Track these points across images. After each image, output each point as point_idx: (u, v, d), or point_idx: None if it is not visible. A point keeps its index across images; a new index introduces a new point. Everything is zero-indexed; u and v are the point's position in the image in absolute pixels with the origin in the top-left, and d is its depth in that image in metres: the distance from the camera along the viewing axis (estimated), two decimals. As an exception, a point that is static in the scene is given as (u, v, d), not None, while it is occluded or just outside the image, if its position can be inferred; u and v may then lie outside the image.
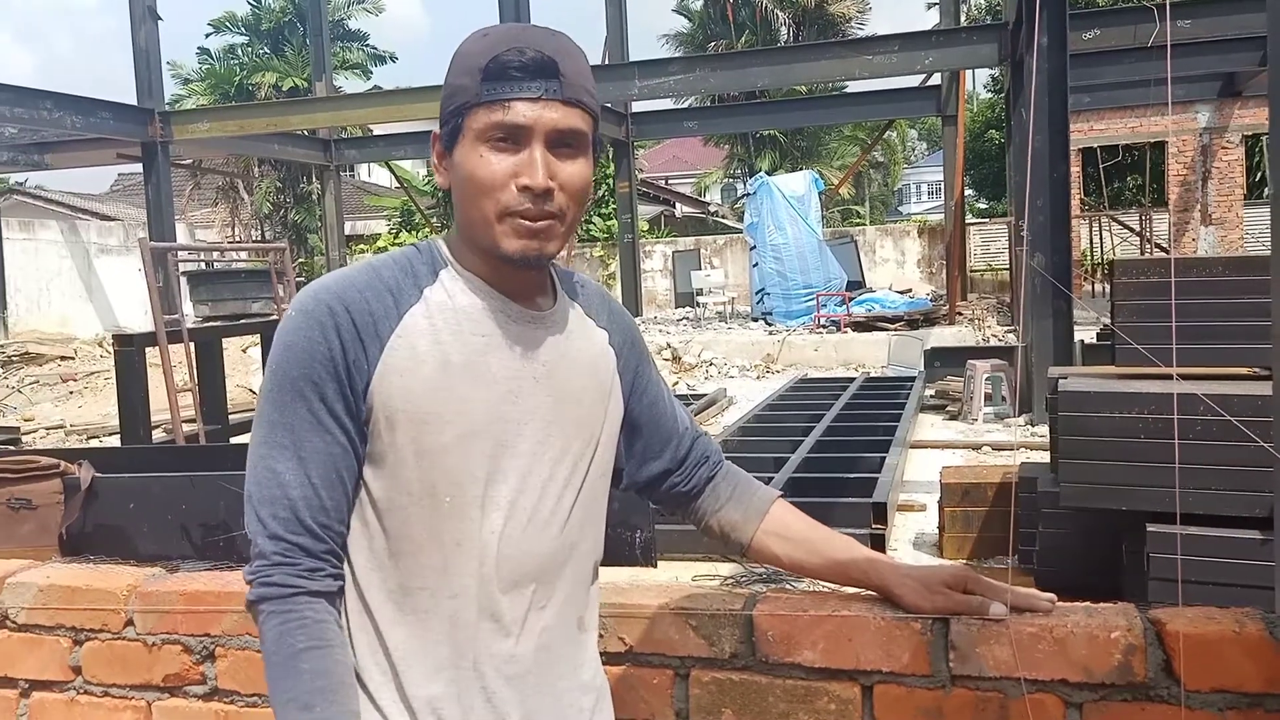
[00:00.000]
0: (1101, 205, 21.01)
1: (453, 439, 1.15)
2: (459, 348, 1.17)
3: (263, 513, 1.14)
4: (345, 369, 1.14)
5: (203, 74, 27.36)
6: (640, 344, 1.40)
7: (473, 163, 1.14)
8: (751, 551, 1.46)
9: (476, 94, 1.14)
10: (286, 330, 1.16)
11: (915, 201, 51.60)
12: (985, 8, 28.98)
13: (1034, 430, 7.30)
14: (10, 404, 12.24)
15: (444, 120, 1.18)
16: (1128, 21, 10.81)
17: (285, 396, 1.14)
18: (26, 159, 17.12)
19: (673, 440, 1.42)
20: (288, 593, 1.12)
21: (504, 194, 1.14)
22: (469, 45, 1.17)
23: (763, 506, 1.45)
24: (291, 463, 1.14)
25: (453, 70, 1.18)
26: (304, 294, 1.18)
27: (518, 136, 1.14)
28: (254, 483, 1.15)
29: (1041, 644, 1.44)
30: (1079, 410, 3.27)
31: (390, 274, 1.19)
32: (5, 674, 2.05)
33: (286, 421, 1.14)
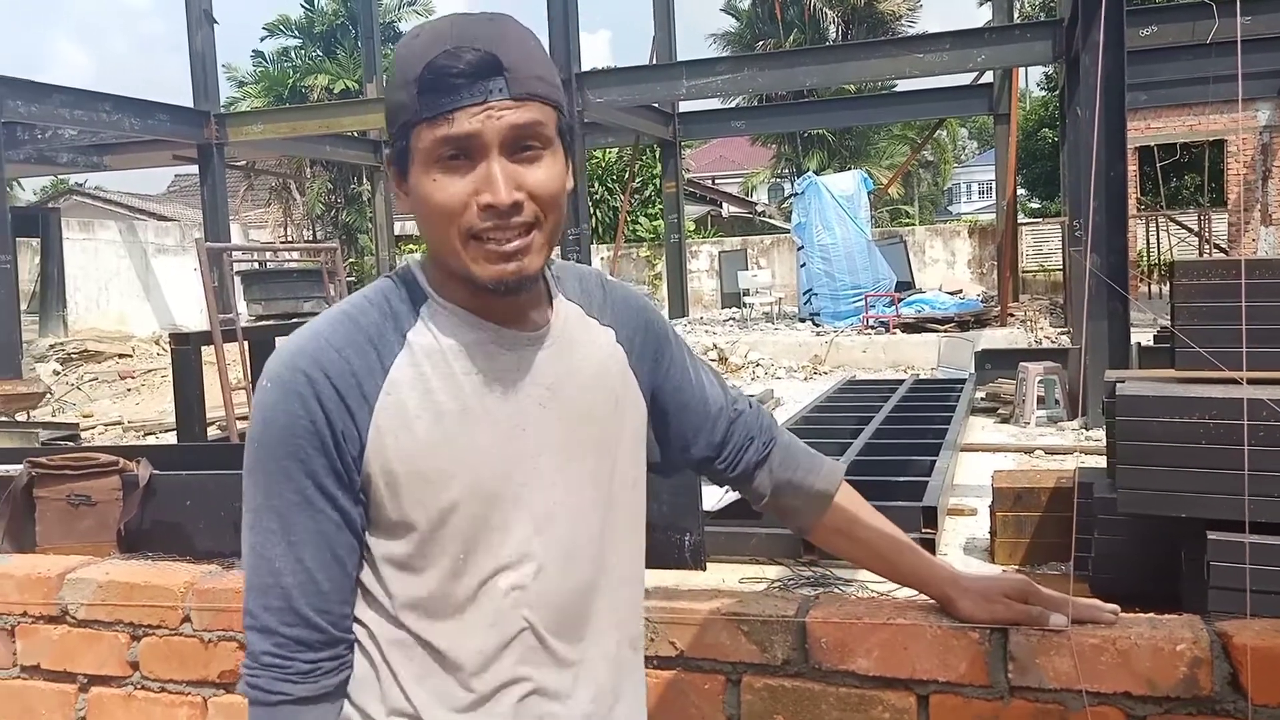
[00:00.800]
0: (1159, 205, 20.62)
1: (461, 493, 1.06)
2: (452, 393, 1.07)
3: (254, 604, 1.06)
4: (334, 440, 1.04)
5: (257, 77, 27.78)
6: (657, 326, 1.27)
7: (426, 188, 1.03)
8: (813, 539, 1.42)
9: (416, 110, 1.01)
10: (263, 405, 1.06)
11: (966, 201, 51.01)
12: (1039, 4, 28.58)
13: (1088, 434, 7.18)
14: (70, 400, 12.51)
15: (392, 141, 1.06)
16: (1186, 18, 10.59)
17: (270, 477, 1.05)
18: (86, 160, 17.50)
19: (705, 425, 1.31)
20: (272, 701, 1.06)
21: (465, 217, 1.03)
22: (402, 50, 1.04)
23: (826, 494, 1.37)
24: (281, 548, 1.05)
25: (390, 83, 1.05)
26: (278, 361, 1.07)
27: (470, 150, 1.02)
28: (246, 571, 1.08)
29: (1104, 655, 1.41)
30: (1138, 414, 3.21)
31: (369, 321, 1.08)
32: (65, 668, 2.09)
33: (273, 504, 1.05)
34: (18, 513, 3.13)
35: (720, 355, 12.78)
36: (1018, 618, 1.43)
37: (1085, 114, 7.46)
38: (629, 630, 1.20)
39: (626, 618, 1.19)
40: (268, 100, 25.65)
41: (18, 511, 3.12)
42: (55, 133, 15.52)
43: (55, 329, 16.12)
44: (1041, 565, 4.37)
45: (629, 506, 1.19)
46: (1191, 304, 3.53)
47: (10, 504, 3.08)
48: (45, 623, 2.09)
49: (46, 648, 2.09)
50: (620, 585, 1.18)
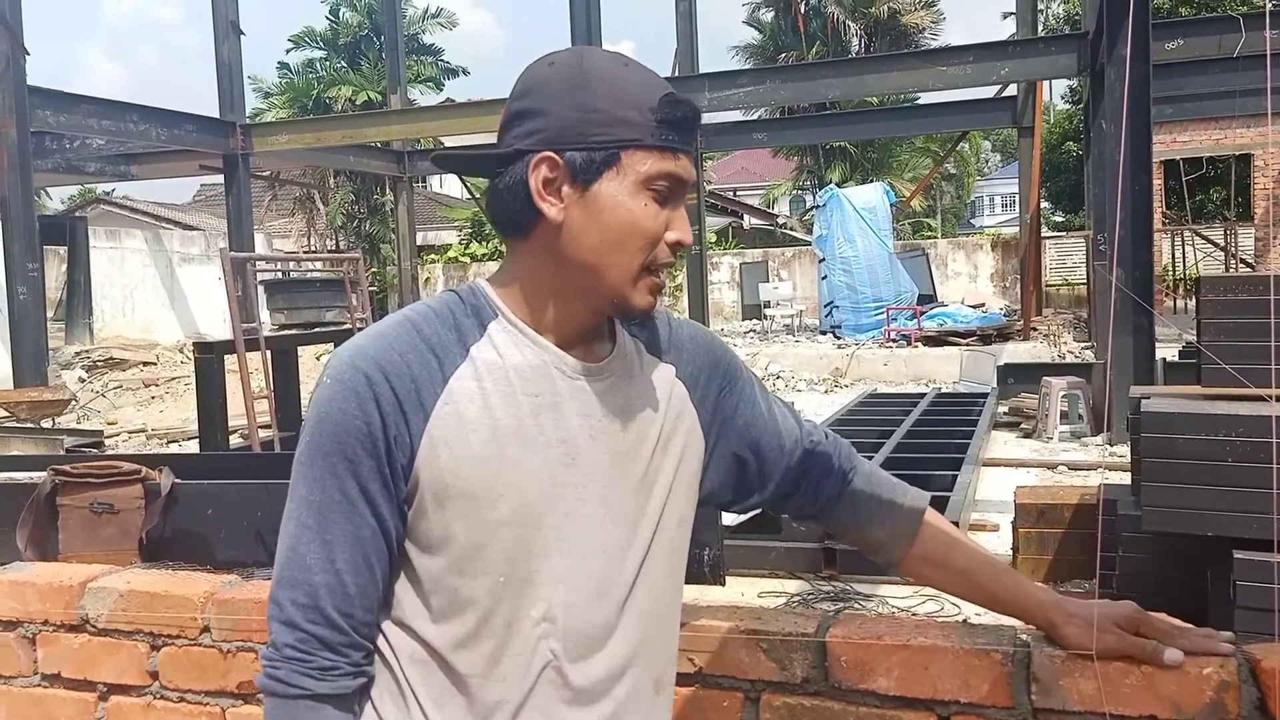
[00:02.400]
0: (1184, 219, 20.46)
1: (508, 513, 1.06)
2: (510, 412, 1.07)
3: (282, 596, 1.07)
4: (385, 445, 1.04)
5: (282, 88, 28.00)
6: (725, 364, 1.27)
7: (635, 209, 1.06)
8: (901, 571, 1.36)
9: (650, 134, 1.05)
10: (320, 400, 1.06)
11: (989, 214, 50.80)
12: (1063, 17, 28.48)
13: (1112, 450, 7.11)
14: (94, 408, 12.62)
15: (584, 145, 1.05)
16: (1213, 31, 10.54)
17: (317, 472, 1.06)
18: (114, 170, 17.69)
19: (780, 460, 1.28)
20: (291, 694, 1.05)
21: (659, 249, 1.08)
22: (620, 74, 1.07)
23: (910, 528, 1.32)
24: (315, 545, 1.06)
25: (601, 95, 1.06)
26: (339, 359, 1.08)
27: (677, 191, 1.08)
28: (278, 562, 1.08)
29: (1129, 678, 1.39)
30: (1163, 431, 3.17)
31: (432, 330, 1.08)
32: (85, 677, 2.10)
33: (314, 500, 1.06)
34: (41, 520, 3.15)
35: (741, 367, 12.77)
36: (1129, 650, 1.36)
37: (1110, 128, 7.42)
38: (655, 671, 1.18)
39: (654, 658, 1.17)
40: (292, 111, 25.85)
41: (41, 519, 3.14)
42: (83, 142, 15.69)
43: (81, 336, 16.27)
44: (1065, 583, 4.33)
45: (671, 545, 1.18)
46: (1218, 320, 3.49)
47: (34, 511, 3.10)
48: (66, 631, 2.10)
49: (67, 656, 2.10)
50: (650, 624, 1.16)
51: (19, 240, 10.91)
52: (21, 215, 10.97)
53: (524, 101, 1.09)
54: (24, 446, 8.21)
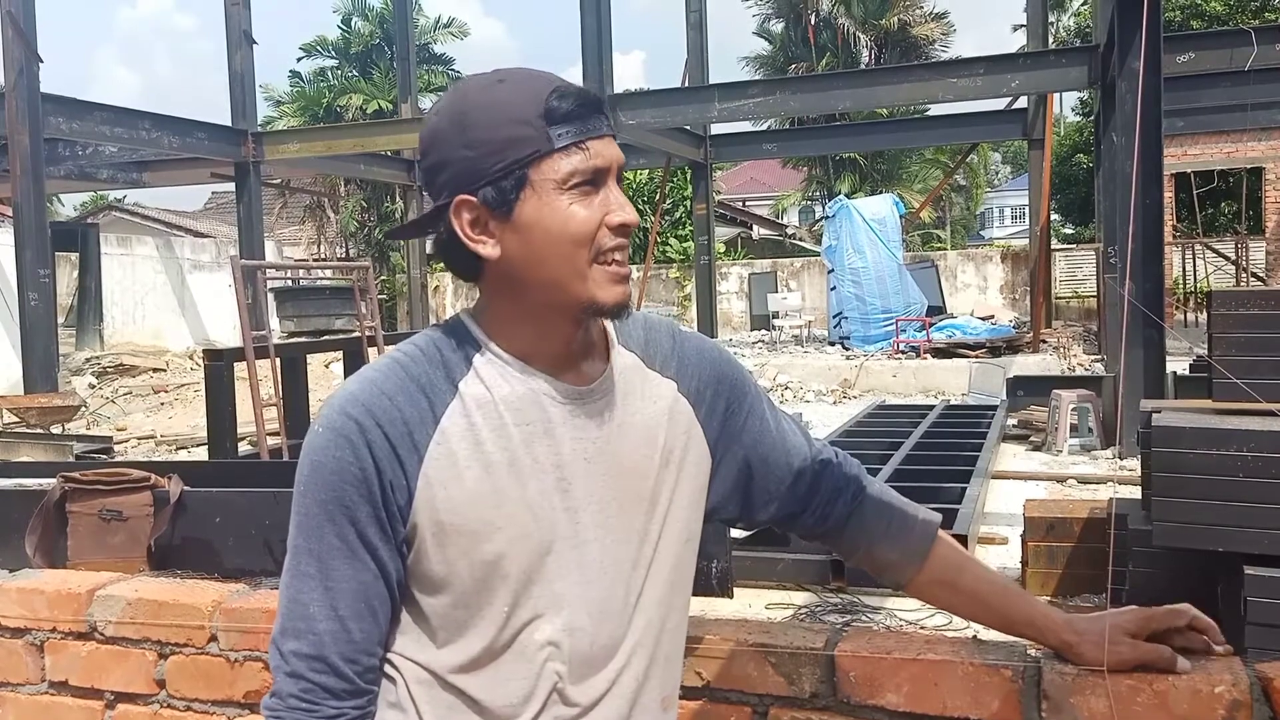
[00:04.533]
0: (1195, 232, 20.40)
1: (507, 545, 1.07)
2: (501, 444, 1.07)
3: (285, 647, 1.06)
4: (381, 489, 1.05)
5: (293, 96, 28.14)
6: (732, 379, 1.26)
7: (560, 216, 1.05)
8: (910, 593, 1.34)
9: (546, 140, 1.04)
10: (314, 448, 1.07)
11: (998, 225, 50.73)
12: (1074, 30, 28.49)
13: (1122, 464, 7.08)
14: (104, 414, 12.66)
15: (488, 179, 1.05)
16: (1224, 45, 10.52)
17: (314, 521, 1.06)
18: (125, 177, 17.77)
19: (789, 478, 1.27)
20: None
21: (599, 239, 1.07)
22: (495, 95, 1.07)
23: (921, 548, 1.31)
24: (318, 594, 1.06)
25: (483, 125, 1.05)
26: (330, 406, 1.08)
27: (599, 178, 1.07)
28: (280, 613, 1.09)
29: (1141, 697, 1.38)
30: (1174, 446, 3.15)
31: (420, 370, 1.09)
32: (92, 685, 2.10)
33: (313, 548, 1.06)
34: (49, 527, 3.16)
35: (749, 378, 12.74)
36: (1145, 658, 1.35)
37: (1121, 140, 7.41)
38: (663, 689, 1.18)
39: (662, 675, 1.17)
40: (303, 119, 25.97)
41: (50, 526, 3.15)
42: (96, 149, 15.78)
43: (92, 343, 16.33)
44: (1074, 597, 4.30)
45: (676, 561, 1.18)
46: (1230, 334, 3.47)
47: (43, 518, 3.11)
48: (74, 639, 2.10)
49: (75, 664, 2.10)
50: (657, 641, 1.16)
51: (31, 246, 10.96)
52: (34, 222, 11.03)
53: (427, 160, 1.10)
54: (34, 452, 8.24)
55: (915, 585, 1.33)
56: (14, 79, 10.98)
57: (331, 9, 29.04)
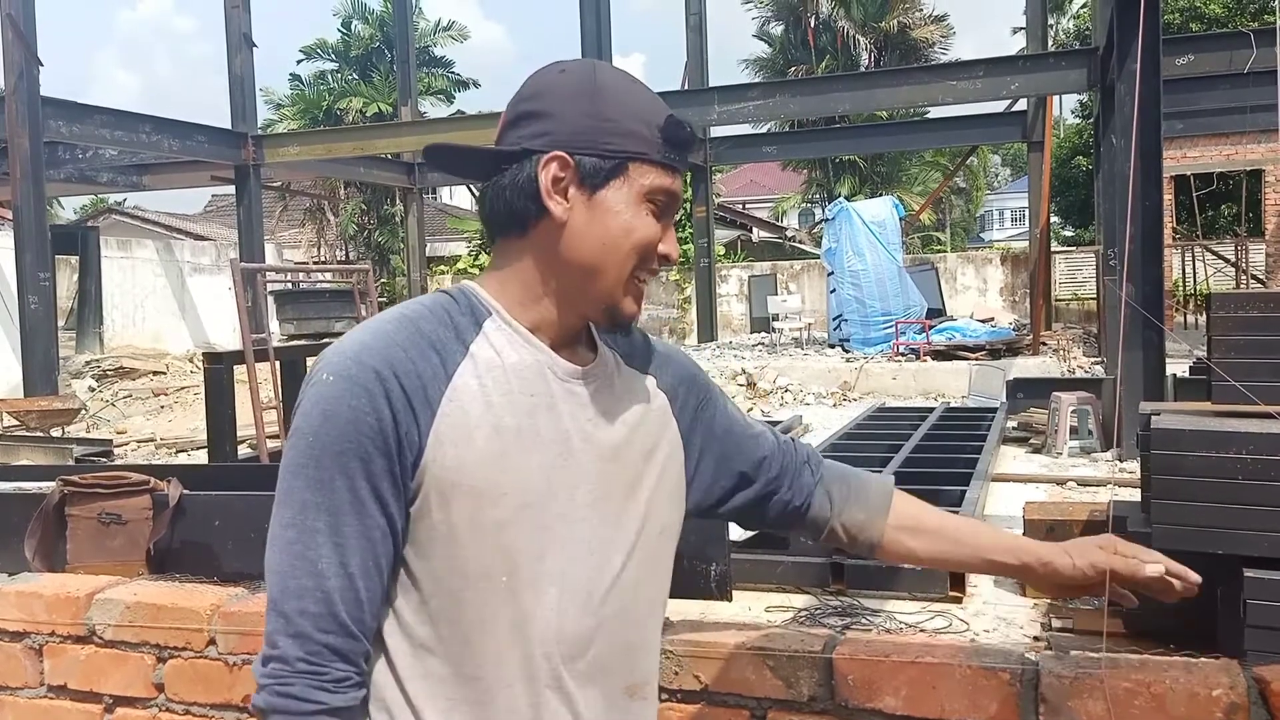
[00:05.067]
0: (1195, 234, 20.41)
1: (511, 512, 1.06)
2: (510, 410, 1.08)
3: (288, 607, 1.01)
4: (396, 442, 1.03)
5: (293, 99, 28.14)
6: (699, 379, 1.32)
7: (636, 219, 1.10)
8: (883, 551, 1.37)
9: (657, 149, 1.10)
10: (325, 398, 1.03)
11: (998, 228, 50.74)
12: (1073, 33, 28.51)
13: (1122, 466, 7.08)
14: (104, 417, 12.65)
15: (595, 151, 1.09)
16: (1223, 47, 10.53)
17: (325, 473, 1.02)
18: (125, 180, 17.77)
19: (762, 462, 1.33)
20: (306, 710, 1.01)
21: (649, 259, 1.12)
22: (631, 89, 1.12)
23: (884, 502, 1.37)
24: (328, 549, 1.02)
25: (615, 106, 1.10)
26: (342, 356, 1.05)
27: (671, 207, 1.13)
28: (279, 572, 1.03)
29: (1138, 700, 1.38)
30: (1173, 448, 3.15)
31: (430, 328, 1.08)
32: (91, 689, 2.10)
33: (323, 502, 1.02)
34: (49, 531, 3.16)
35: (749, 380, 12.74)
36: (1113, 564, 1.33)
37: (1120, 143, 7.41)
38: (630, 678, 1.18)
39: (630, 664, 1.17)
40: (303, 122, 25.98)
41: (49, 529, 3.15)
42: (96, 152, 15.78)
43: (92, 346, 16.33)
44: (1074, 600, 4.30)
45: (654, 553, 1.19)
46: (1229, 337, 3.48)
47: (42, 522, 3.10)
48: (73, 643, 2.10)
49: (74, 668, 2.10)
50: (628, 630, 1.16)
51: (31, 250, 10.96)
52: (34, 225, 11.03)
53: (534, 104, 1.12)
54: (34, 455, 8.23)
55: (887, 540, 1.36)
56: (14, 82, 10.99)
57: (331, 12, 29.08)
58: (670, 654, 1.63)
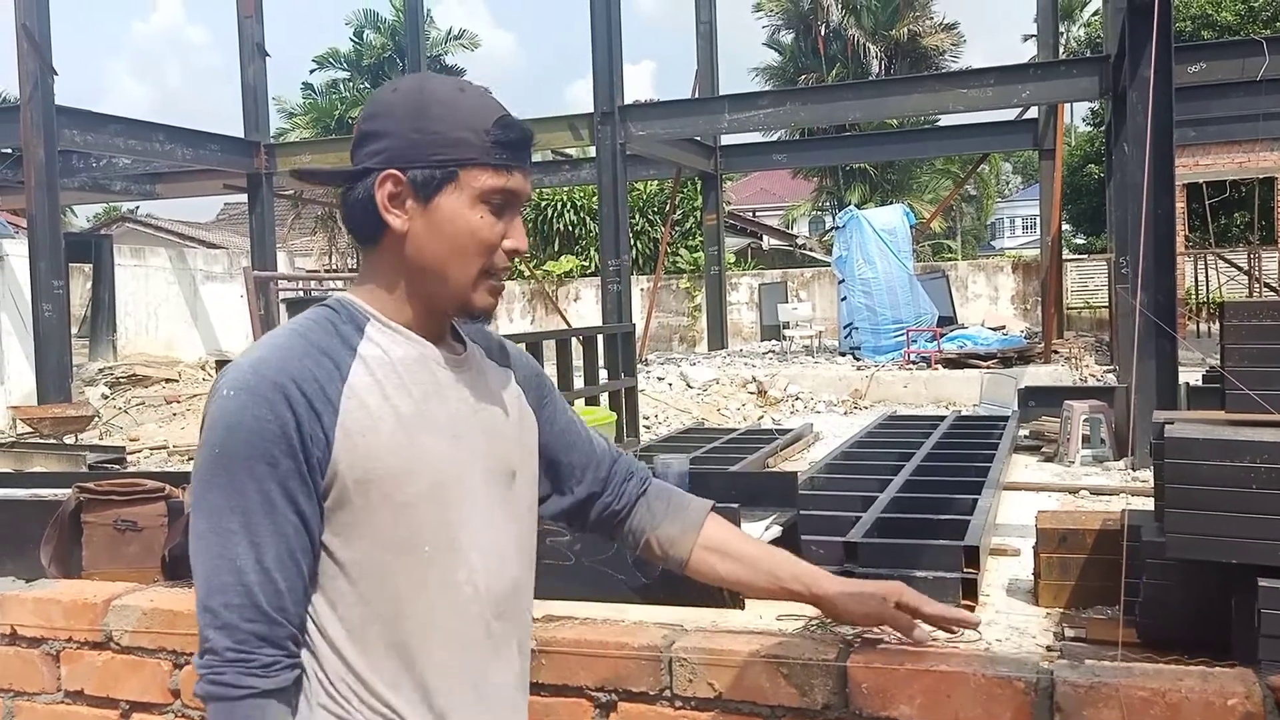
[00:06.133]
0: (1207, 242, 20.34)
1: (426, 489, 1.16)
2: (405, 399, 1.17)
3: (214, 602, 1.09)
4: (300, 442, 1.10)
5: (305, 108, 28.31)
6: (543, 378, 1.44)
7: (472, 221, 1.17)
8: (690, 568, 1.45)
9: (485, 153, 1.17)
10: (227, 411, 1.11)
11: (1009, 236, 50.64)
12: (1084, 40, 28.47)
13: (1135, 475, 7.06)
14: (117, 424, 12.71)
15: (423, 164, 1.17)
16: (1235, 55, 10.51)
17: (234, 480, 1.09)
18: (139, 188, 17.88)
19: (592, 462, 1.44)
20: (237, 695, 1.09)
21: (495, 256, 1.20)
22: (457, 99, 1.18)
23: (698, 520, 1.45)
24: (243, 547, 1.09)
25: (439, 119, 1.17)
26: (240, 371, 1.13)
27: (510, 204, 1.20)
28: (203, 573, 1.11)
29: (1154, 709, 1.38)
30: (1187, 457, 3.14)
31: (318, 337, 1.17)
32: (108, 694, 2.11)
33: (234, 504, 1.09)
34: (64, 537, 3.17)
35: (759, 388, 12.73)
36: (885, 618, 1.48)
37: (1132, 150, 7.40)
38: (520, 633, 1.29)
39: (522, 623, 1.30)
40: (315, 131, 26.11)
41: (64, 536, 3.16)
42: (109, 161, 15.87)
43: (105, 353, 16.40)
44: (1087, 609, 4.28)
45: (529, 526, 1.32)
46: (1243, 345, 3.47)
47: (58, 528, 3.12)
48: (90, 649, 2.12)
49: (90, 673, 2.11)
50: (528, 590, 1.30)
51: (45, 258, 11.03)
52: (48, 233, 11.10)
53: (370, 124, 1.22)
54: (47, 463, 8.27)
55: (694, 558, 1.45)
56: (29, 92, 11.07)
57: (344, 21, 29.23)
58: (684, 661, 1.64)
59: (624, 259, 13.42)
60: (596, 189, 14.45)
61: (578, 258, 23.63)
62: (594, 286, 20.26)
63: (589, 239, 23.28)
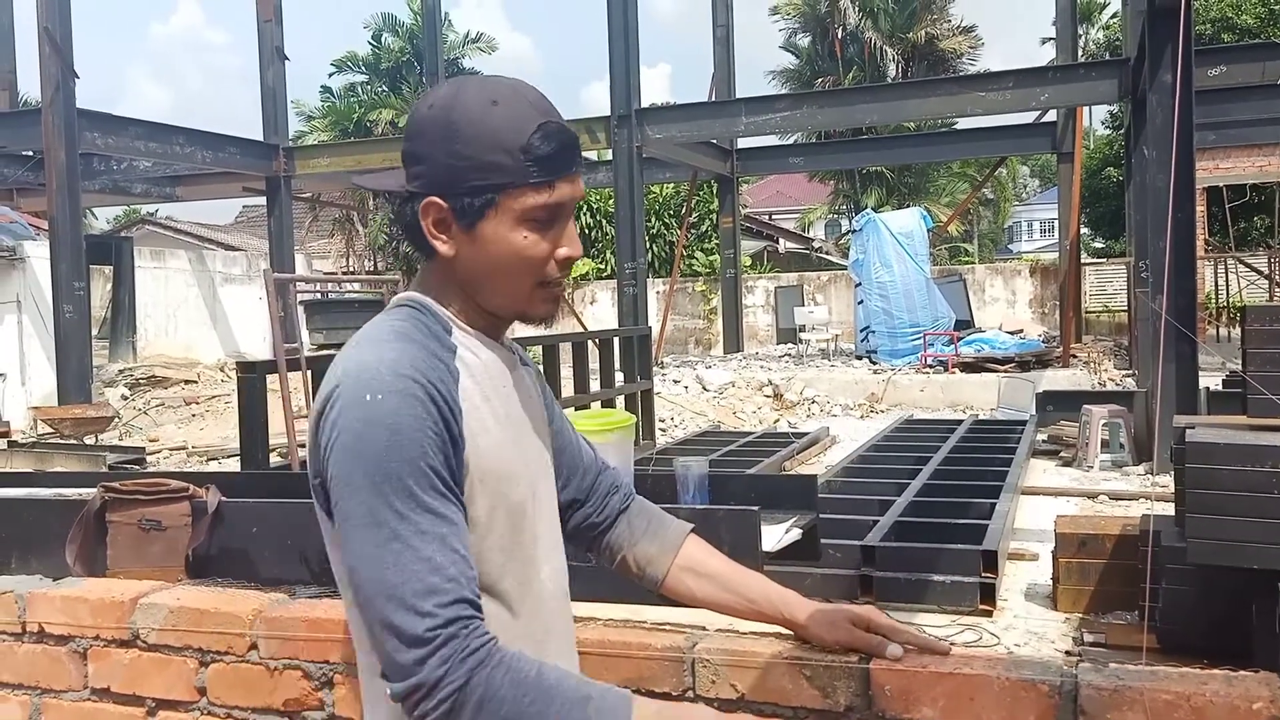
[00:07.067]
0: (1227, 246, 20.20)
1: (525, 490, 1.21)
2: (499, 402, 1.21)
3: (426, 605, 1.05)
4: (449, 441, 1.11)
5: (324, 111, 28.45)
6: (543, 376, 1.47)
7: (516, 244, 1.16)
8: (665, 588, 1.46)
9: (522, 174, 1.14)
10: (383, 414, 1.08)
11: (1027, 239, 50.41)
12: (1103, 43, 28.34)
13: (1155, 480, 7.02)
14: (136, 425, 12.80)
15: (462, 192, 1.15)
16: (1255, 59, 10.45)
17: (411, 482, 1.07)
18: (159, 191, 18.00)
19: (579, 469, 1.44)
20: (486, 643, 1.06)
21: (546, 269, 1.19)
22: (488, 116, 1.14)
23: (677, 540, 1.47)
24: (435, 545, 1.07)
25: (471, 141, 1.14)
26: (376, 374, 1.10)
27: (560, 214, 1.18)
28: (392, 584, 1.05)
29: (1178, 713, 1.38)
30: (1208, 462, 3.13)
31: (422, 339, 1.17)
32: (134, 692, 2.13)
33: (412, 506, 1.07)
34: (89, 536, 3.20)
35: (775, 391, 12.72)
36: (856, 643, 1.53)
37: (1152, 154, 7.37)
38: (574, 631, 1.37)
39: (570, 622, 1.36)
40: (334, 134, 26.23)
41: (90, 535, 3.19)
42: (130, 164, 15.98)
43: (125, 355, 16.51)
44: (1107, 614, 4.27)
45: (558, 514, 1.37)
46: (1264, 349, 3.45)
47: (84, 527, 3.15)
48: (117, 646, 2.14)
49: (117, 671, 2.14)
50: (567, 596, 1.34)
51: (66, 260, 11.12)
52: (69, 235, 11.19)
53: (410, 144, 1.20)
54: (67, 463, 8.35)
55: (670, 578, 1.46)
56: (51, 95, 11.16)
57: (362, 25, 29.38)
58: (707, 662, 1.65)
59: (640, 262, 13.43)
60: (613, 192, 14.47)
61: (594, 261, 23.66)
62: (610, 289, 20.27)
63: (605, 242, 23.30)
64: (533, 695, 1.04)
